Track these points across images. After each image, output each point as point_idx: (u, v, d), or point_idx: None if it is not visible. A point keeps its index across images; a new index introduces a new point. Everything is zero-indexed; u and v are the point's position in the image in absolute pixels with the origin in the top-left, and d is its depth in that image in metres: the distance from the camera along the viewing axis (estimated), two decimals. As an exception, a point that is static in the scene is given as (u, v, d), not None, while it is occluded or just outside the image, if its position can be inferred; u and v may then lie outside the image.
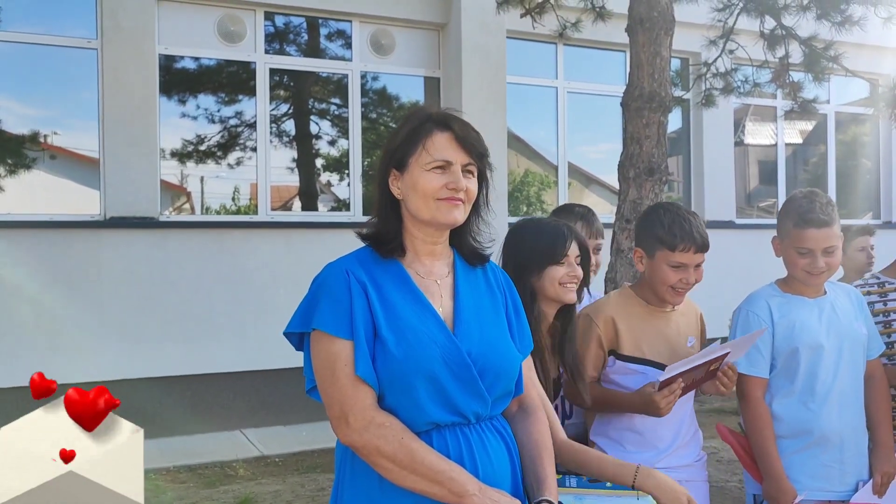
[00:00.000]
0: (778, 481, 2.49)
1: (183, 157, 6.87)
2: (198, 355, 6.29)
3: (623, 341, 2.45)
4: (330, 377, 1.64)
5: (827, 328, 2.55)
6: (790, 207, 2.58)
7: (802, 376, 2.54)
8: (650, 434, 2.44)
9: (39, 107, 6.39)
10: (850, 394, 2.56)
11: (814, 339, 2.53)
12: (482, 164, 1.77)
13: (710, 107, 6.95)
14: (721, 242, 7.79)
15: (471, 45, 7.21)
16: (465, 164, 1.73)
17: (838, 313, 2.59)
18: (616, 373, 2.47)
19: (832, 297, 2.63)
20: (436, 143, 1.71)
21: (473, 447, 1.67)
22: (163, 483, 5.10)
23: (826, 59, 6.13)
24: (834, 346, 2.54)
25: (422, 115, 1.77)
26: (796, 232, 2.52)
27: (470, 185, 1.73)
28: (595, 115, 8.30)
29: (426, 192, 1.70)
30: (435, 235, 1.77)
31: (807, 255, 2.51)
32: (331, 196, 7.63)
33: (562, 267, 2.25)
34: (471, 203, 1.76)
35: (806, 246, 2.51)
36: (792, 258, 2.56)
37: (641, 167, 4.88)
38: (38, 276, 5.83)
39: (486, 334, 1.74)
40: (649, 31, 4.88)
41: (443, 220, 1.71)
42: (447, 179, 1.70)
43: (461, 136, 1.72)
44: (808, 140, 9.92)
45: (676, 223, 2.40)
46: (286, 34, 7.22)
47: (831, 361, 2.54)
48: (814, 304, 2.59)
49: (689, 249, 2.38)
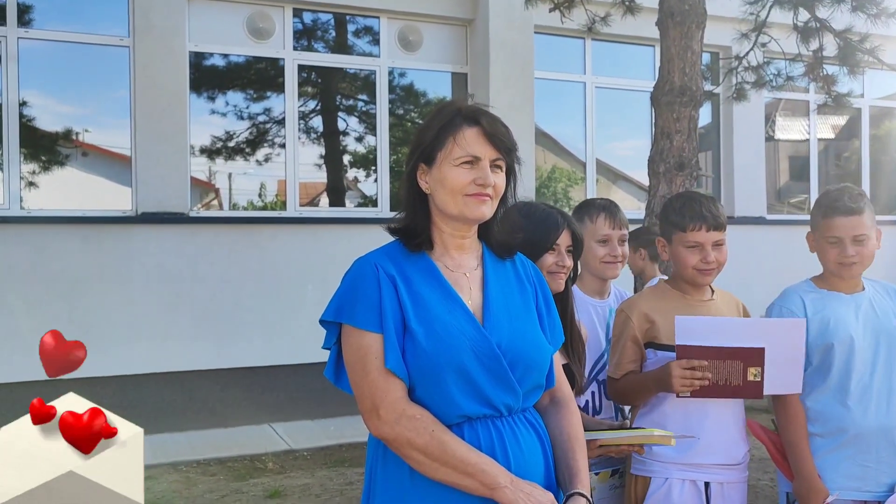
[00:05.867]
0: (809, 480, 2.45)
1: (212, 153, 6.93)
2: (227, 350, 6.34)
3: (660, 332, 2.44)
4: (361, 370, 1.64)
5: (864, 324, 2.50)
6: (820, 200, 2.58)
7: (837, 373, 2.49)
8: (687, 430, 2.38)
9: (72, 104, 6.49)
10: (886, 392, 2.50)
11: (849, 336, 2.48)
12: (510, 158, 1.76)
13: (742, 101, 6.85)
14: (751, 238, 7.76)
15: (498, 40, 7.18)
16: (494, 159, 1.72)
17: (876, 310, 2.54)
18: (658, 363, 2.44)
19: (871, 293, 2.58)
20: (465, 138, 1.70)
21: (505, 439, 1.66)
22: (193, 476, 5.15)
23: (862, 52, 6.01)
24: (870, 343, 2.49)
25: (451, 109, 1.75)
26: (825, 222, 2.51)
27: (498, 180, 1.72)
28: (623, 111, 8.22)
29: (454, 187, 1.69)
30: (463, 230, 1.77)
31: (836, 244, 2.49)
32: (358, 192, 7.65)
33: (550, 255, 2.24)
34: (498, 198, 1.75)
35: (835, 234, 2.48)
36: (823, 250, 2.54)
37: (672, 162, 4.83)
38: (71, 270, 5.92)
39: (515, 326, 1.74)
40: (680, 25, 4.82)
41: (470, 215, 1.71)
42: (475, 175, 1.69)
43: (490, 132, 1.71)
44: (840, 135, 9.74)
45: (687, 205, 2.45)
46: (314, 31, 7.25)
47: (867, 358, 2.49)
48: (850, 300, 2.54)
49: (700, 228, 2.40)
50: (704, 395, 2.32)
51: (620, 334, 2.49)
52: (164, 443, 5.67)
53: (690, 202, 2.46)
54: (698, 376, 2.27)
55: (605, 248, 2.73)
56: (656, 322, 2.45)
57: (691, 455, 2.37)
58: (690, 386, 2.28)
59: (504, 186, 1.76)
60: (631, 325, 2.47)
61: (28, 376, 5.24)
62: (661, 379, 2.34)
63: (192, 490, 4.88)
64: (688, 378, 2.27)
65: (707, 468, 2.41)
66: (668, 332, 2.42)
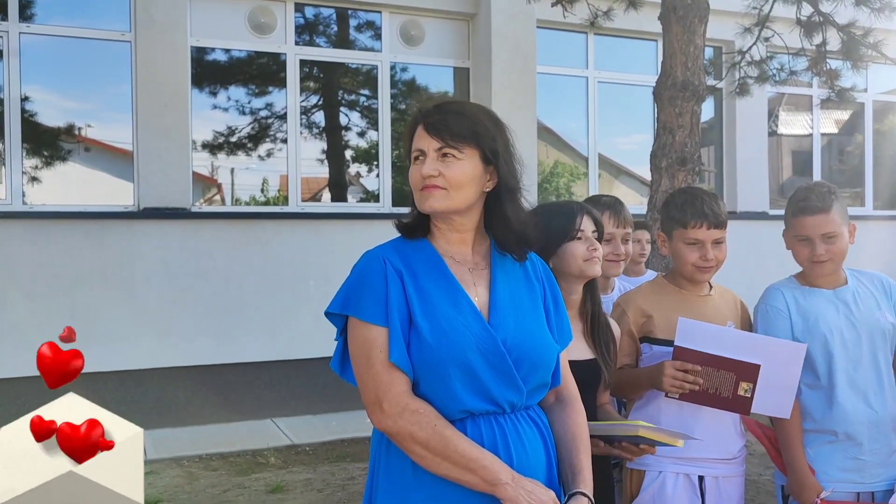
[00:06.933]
0: (801, 476, 2.45)
1: (214, 148, 6.93)
2: (229, 345, 6.35)
3: (656, 326, 2.45)
4: (365, 363, 1.65)
5: (846, 319, 2.50)
6: (790, 199, 2.58)
7: (823, 370, 2.49)
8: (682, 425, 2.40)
9: (74, 99, 6.48)
10: (874, 385, 2.49)
11: (831, 331, 2.48)
12: (458, 144, 1.68)
13: (745, 96, 6.84)
14: (754, 233, 7.74)
15: (500, 35, 7.16)
16: (437, 148, 1.69)
17: (859, 303, 2.53)
18: (653, 358, 2.46)
19: (854, 286, 2.57)
20: (414, 135, 1.74)
21: (508, 436, 1.66)
22: (195, 470, 5.16)
23: (865, 47, 5.99)
24: (853, 338, 2.49)
25: (416, 113, 1.78)
26: (794, 221, 2.52)
27: (447, 168, 1.67)
28: (626, 106, 8.20)
29: (412, 184, 1.73)
30: (447, 223, 1.76)
31: (806, 243, 2.49)
32: (360, 187, 7.64)
33: (580, 242, 2.23)
34: (458, 188, 1.68)
35: (804, 234, 2.49)
36: (795, 249, 2.54)
37: (674, 157, 4.82)
38: (73, 265, 5.92)
39: (521, 324, 1.73)
40: (683, 19, 4.81)
41: (420, 208, 1.72)
42: (420, 168, 1.70)
43: (428, 122, 1.71)
44: (844, 130, 9.71)
45: (689, 201, 2.46)
46: (316, 25, 7.23)
47: (852, 353, 2.48)
48: (832, 295, 2.54)
49: (701, 225, 2.41)
50: (692, 401, 2.33)
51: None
52: (166, 438, 5.68)
53: (692, 199, 2.46)
54: (689, 380, 2.27)
55: (609, 247, 2.74)
56: (653, 316, 2.47)
57: (685, 449, 2.37)
58: (680, 388, 2.28)
59: (461, 175, 1.68)
60: (626, 319, 2.48)
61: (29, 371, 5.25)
62: (652, 376, 2.35)
63: (195, 485, 4.89)
64: (679, 380, 2.27)
65: (701, 462, 2.42)
66: (664, 326, 2.43)
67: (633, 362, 2.51)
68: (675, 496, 2.40)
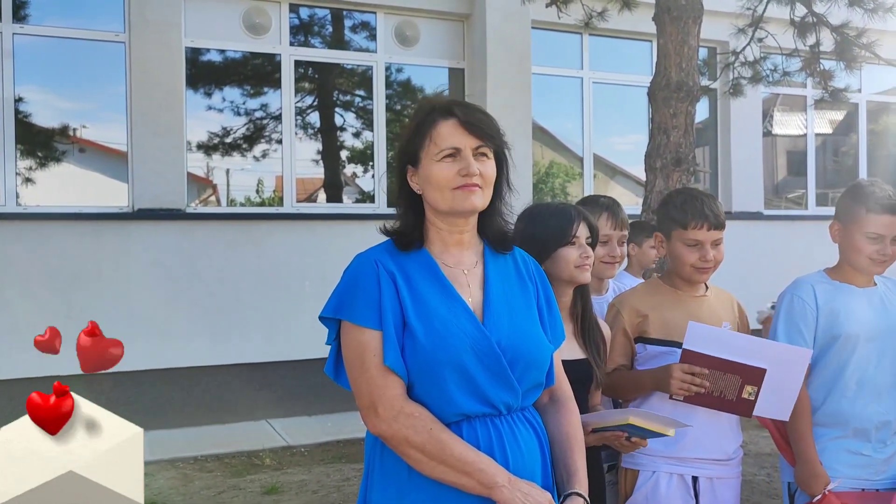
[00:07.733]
0: (811, 466, 2.45)
1: (209, 149, 6.92)
2: (224, 346, 6.34)
3: (651, 326, 2.46)
4: (359, 367, 1.64)
5: (873, 319, 2.52)
6: (863, 193, 2.53)
7: (842, 365, 2.50)
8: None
9: (68, 100, 6.46)
10: (889, 385, 2.51)
11: (857, 329, 2.49)
12: (495, 144, 1.73)
13: (738, 96, 6.84)
14: (749, 234, 7.76)
15: (495, 35, 7.17)
16: (476, 147, 1.70)
17: (887, 305, 2.56)
18: (648, 358, 2.46)
19: (882, 289, 2.60)
20: (441, 132, 1.69)
21: (504, 438, 1.66)
22: (191, 472, 5.15)
23: (859, 47, 6.01)
24: (877, 337, 2.51)
25: (426, 107, 1.75)
26: (869, 217, 2.48)
27: (485, 168, 1.70)
28: (621, 106, 8.21)
29: (440, 183, 1.68)
30: (459, 224, 1.75)
31: (877, 241, 2.48)
32: (355, 188, 7.64)
33: (573, 248, 2.23)
34: (490, 186, 1.73)
35: (877, 231, 2.48)
36: (858, 244, 2.51)
37: (668, 157, 4.83)
38: (68, 266, 5.91)
39: (515, 324, 1.73)
40: (677, 20, 4.82)
41: (461, 208, 1.69)
42: (459, 166, 1.67)
43: (466, 120, 1.69)
44: (838, 130, 9.74)
45: (688, 202, 2.45)
46: (311, 26, 7.23)
47: (873, 352, 2.50)
48: (862, 294, 2.55)
49: (701, 226, 2.41)
50: (696, 403, 2.33)
51: (610, 329, 2.50)
52: (162, 439, 5.67)
53: (692, 199, 2.45)
54: (697, 383, 2.28)
55: (604, 249, 2.74)
56: (648, 317, 2.47)
57: (679, 449, 2.38)
58: (687, 391, 2.29)
59: (495, 174, 1.73)
60: (621, 319, 2.49)
61: (27, 373, 5.24)
62: (659, 378, 2.34)
63: (190, 486, 4.88)
64: (686, 383, 2.27)
65: (695, 462, 2.42)
66: (659, 326, 2.44)
67: (628, 363, 2.51)
68: (668, 496, 2.40)
